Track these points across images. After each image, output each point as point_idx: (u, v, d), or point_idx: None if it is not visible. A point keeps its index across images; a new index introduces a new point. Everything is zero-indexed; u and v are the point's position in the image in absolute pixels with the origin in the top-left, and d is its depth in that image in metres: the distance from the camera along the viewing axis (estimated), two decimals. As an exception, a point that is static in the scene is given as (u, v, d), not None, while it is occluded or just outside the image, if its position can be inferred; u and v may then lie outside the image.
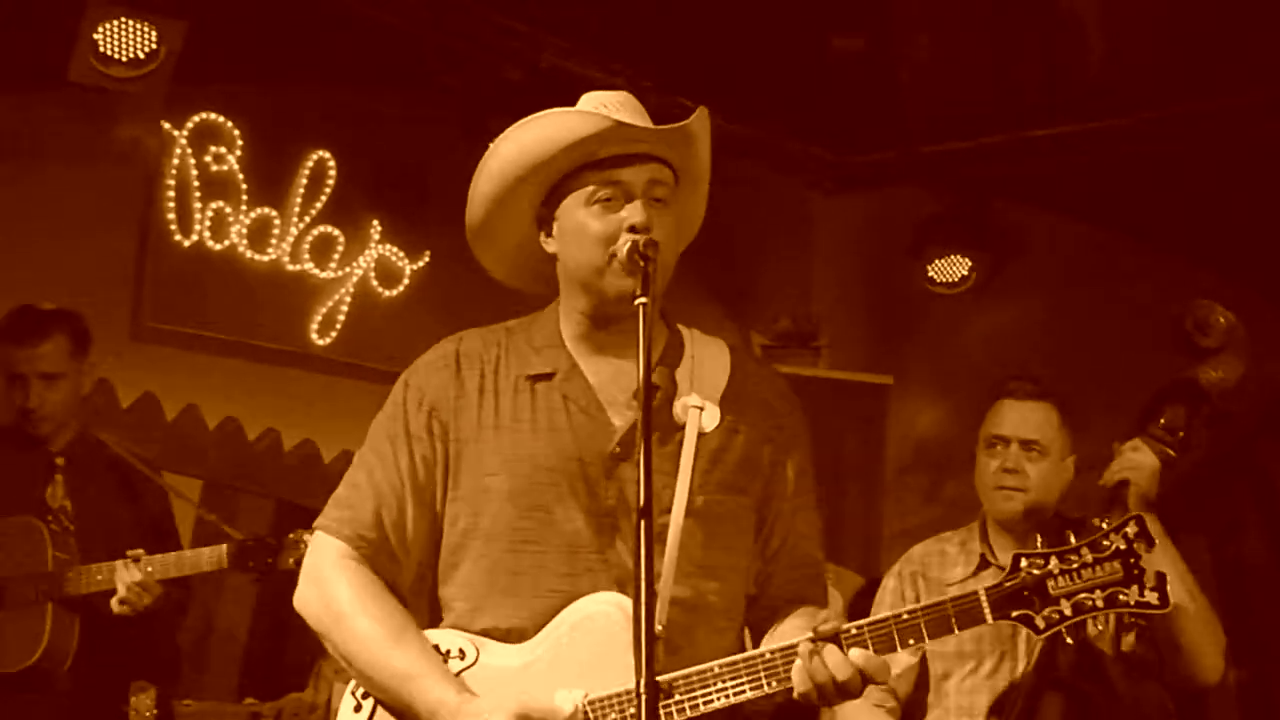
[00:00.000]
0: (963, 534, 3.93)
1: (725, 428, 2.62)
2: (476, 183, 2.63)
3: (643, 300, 2.40)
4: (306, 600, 2.63)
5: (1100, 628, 3.54)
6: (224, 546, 4.10)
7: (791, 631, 2.53)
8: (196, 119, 6.02)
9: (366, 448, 2.67)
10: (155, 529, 4.30)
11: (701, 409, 2.60)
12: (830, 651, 2.38)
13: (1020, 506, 3.75)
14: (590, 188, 2.57)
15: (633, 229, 2.51)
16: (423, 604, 2.65)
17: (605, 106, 2.59)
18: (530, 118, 2.58)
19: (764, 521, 2.67)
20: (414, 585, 2.65)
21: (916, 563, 3.89)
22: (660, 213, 2.56)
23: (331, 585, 2.57)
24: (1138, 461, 3.54)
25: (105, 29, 5.23)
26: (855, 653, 2.39)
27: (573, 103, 2.63)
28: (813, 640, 2.39)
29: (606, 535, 2.53)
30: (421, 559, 2.64)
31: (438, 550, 2.65)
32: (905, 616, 2.40)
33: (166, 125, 5.96)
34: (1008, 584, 2.41)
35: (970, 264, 6.60)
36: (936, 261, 6.62)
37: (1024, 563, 2.43)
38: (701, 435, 2.58)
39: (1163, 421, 3.56)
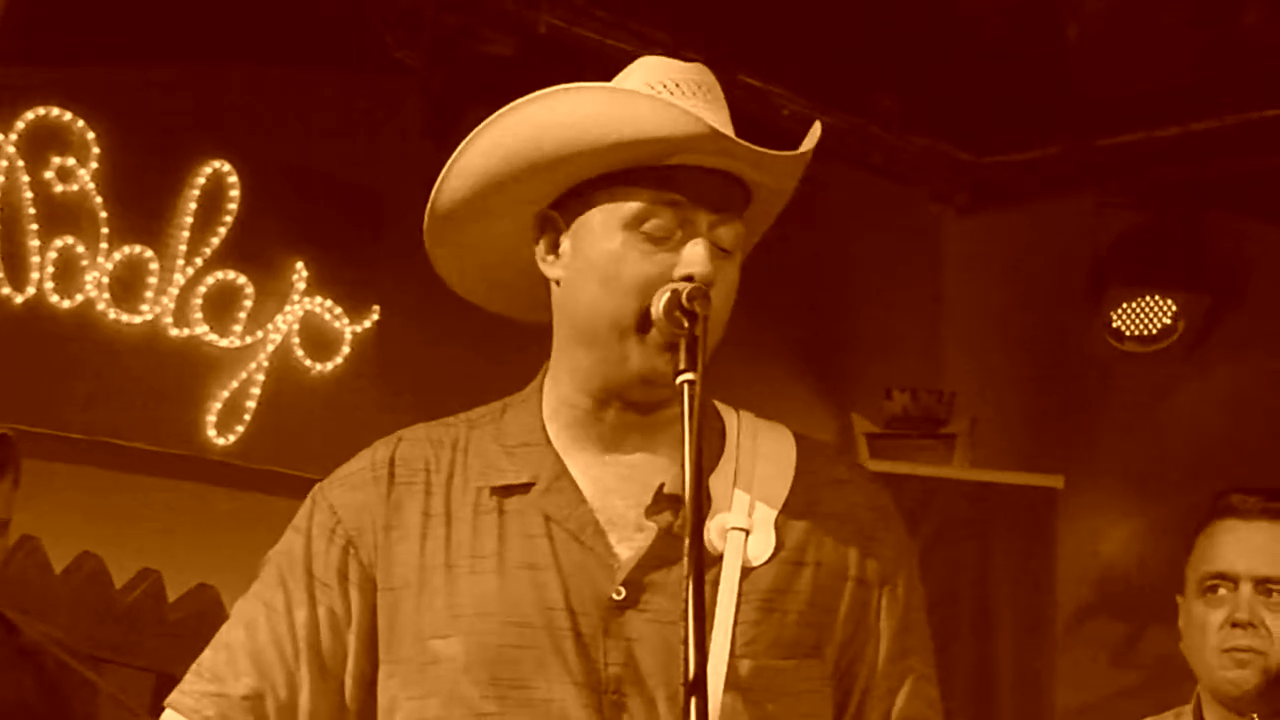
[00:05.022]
0: (1170, 717, 3.80)
1: (784, 559, 2.52)
2: (462, 156, 2.54)
3: (688, 378, 2.32)
4: None
5: None
6: None
7: None
8: (31, 116, 5.91)
9: (252, 593, 2.60)
10: None
11: (748, 532, 2.53)
12: None
13: (1259, 679, 3.63)
14: (637, 206, 2.47)
15: (689, 279, 2.43)
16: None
17: (670, 88, 2.52)
18: (570, 87, 2.46)
19: (848, 698, 2.56)
20: None
21: None
22: (724, 265, 2.49)
23: None
24: None
25: (-111, -11, 4.99)
26: None
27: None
28: None
29: (607, 718, 2.42)
30: None
31: None
32: None
33: (-13, 126, 5.68)
34: None
35: (1175, 309, 6.58)
36: (1124, 306, 6.61)
37: None
38: (748, 571, 2.50)
39: None
